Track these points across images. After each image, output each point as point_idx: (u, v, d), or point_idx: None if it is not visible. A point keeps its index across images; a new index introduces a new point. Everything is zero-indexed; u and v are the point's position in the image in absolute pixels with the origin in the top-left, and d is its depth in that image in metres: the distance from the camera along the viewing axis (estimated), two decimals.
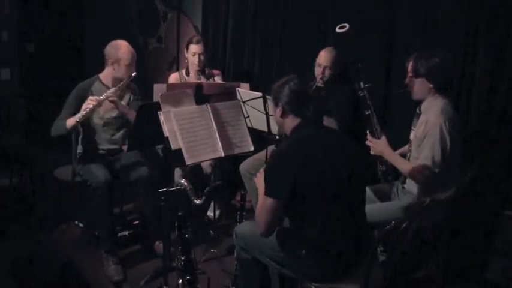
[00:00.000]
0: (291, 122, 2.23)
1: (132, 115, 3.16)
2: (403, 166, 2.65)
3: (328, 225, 2.08)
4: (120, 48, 3.13)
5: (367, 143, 2.79)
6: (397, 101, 3.31)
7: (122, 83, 3.13)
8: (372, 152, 2.78)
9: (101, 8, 5.46)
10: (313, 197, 2.07)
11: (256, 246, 2.28)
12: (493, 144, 2.97)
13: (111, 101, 3.07)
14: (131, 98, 3.32)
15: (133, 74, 3.16)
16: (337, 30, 2.93)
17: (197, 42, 3.73)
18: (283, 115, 2.23)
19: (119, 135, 3.29)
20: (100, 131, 3.24)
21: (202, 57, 3.75)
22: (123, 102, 3.27)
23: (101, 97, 3.01)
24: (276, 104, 2.27)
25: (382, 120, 3.30)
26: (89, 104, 2.96)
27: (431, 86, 2.58)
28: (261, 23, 4.25)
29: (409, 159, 2.71)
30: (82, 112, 2.94)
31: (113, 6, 5.48)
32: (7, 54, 4.97)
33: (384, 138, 2.76)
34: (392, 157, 2.70)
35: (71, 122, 2.98)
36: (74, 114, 3.00)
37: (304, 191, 2.06)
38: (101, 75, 3.24)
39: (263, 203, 2.11)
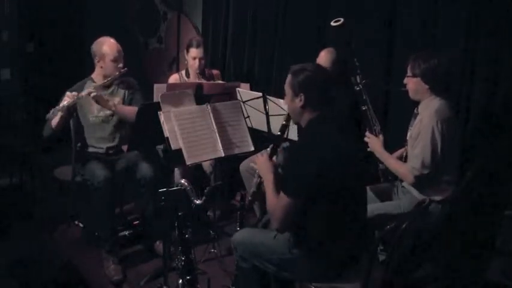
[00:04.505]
0: (309, 114, 2.10)
1: (120, 110, 3.15)
2: (394, 166, 2.66)
3: (331, 225, 2.06)
4: (104, 44, 3.09)
5: (365, 139, 2.80)
6: (397, 100, 3.31)
7: (109, 78, 3.10)
8: (368, 149, 2.79)
9: (101, 8, 5.45)
10: (322, 197, 2.02)
11: (254, 253, 2.25)
12: (493, 144, 2.97)
13: (93, 97, 3.01)
14: (126, 94, 3.27)
15: (122, 70, 3.13)
16: (332, 24, 2.96)
17: (197, 46, 3.70)
18: (304, 106, 2.09)
19: (117, 132, 3.27)
20: (98, 129, 3.23)
21: (202, 61, 3.73)
22: (117, 98, 3.24)
23: (82, 93, 2.97)
24: (295, 93, 2.10)
25: (382, 119, 3.30)
26: (65, 100, 2.92)
27: (427, 86, 2.58)
28: (261, 23, 4.25)
29: (405, 160, 2.71)
30: (57, 107, 2.90)
31: (113, 6, 5.48)
32: (7, 54, 4.96)
33: (380, 137, 2.78)
34: (384, 156, 2.71)
35: (54, 121, 2.98)
36: None
37: (316, 191, 2.00)
38: (93, 75, 3.24)
39: (279, 200, 2.03)
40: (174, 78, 3.88)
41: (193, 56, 3.72)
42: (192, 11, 4.93)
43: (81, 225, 3.55)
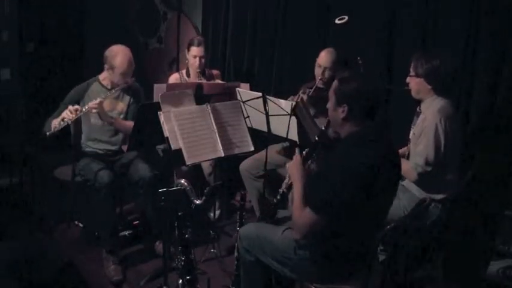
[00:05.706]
0: (350, 127, 2.01)
1: (119, 125, 3.18)
2: None
3: (347, 234, 2.02)
4: (117, 57, 3.09)
5: None
6: (398, 99, 3.31)
7: (114, 89, 3.12)
8: None
9: (101, 8, 5.45)
10: (348, 214, 1.95)
11: (259, 247, 2.25)
12: (493, 144, 2.97)
13: (95, 112, 3.04)
14: (131, 101, 3.30)
15: (130, 81, 3.15)
16: (337, 21, 2.96)
17: (198, 45, 3.71)
18: (346, 118, 1.99)
19: (118, 136, 3.29)
20: (99, 131, 3.24)
21: (203, 60, 3.75)
22: (122, 104, 3.26)
23: (83, 108, 2.98)
24: (338, 103, 2.00)
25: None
26: (67, 115, 2.92)
27: (429, 87, 2.59)
28: (261, 23, 4.25)
29: (407, 158, 2.71)
30: (60, 122, 2.91)
31: (113, 7, 5.48)
32: (7, 54, 4.96)
33: None
34: None
35: (53, 125, 2.97)
36: None
37: (343, 207, 1.92)
38: (101, 76, 3.24)
39: (305, 212, 1.96)
40: (174, 78, 3.88)
41: (194, 54, 3.72)
42: (192, 11, 4.92)
43: (81, 225, 3.55)
